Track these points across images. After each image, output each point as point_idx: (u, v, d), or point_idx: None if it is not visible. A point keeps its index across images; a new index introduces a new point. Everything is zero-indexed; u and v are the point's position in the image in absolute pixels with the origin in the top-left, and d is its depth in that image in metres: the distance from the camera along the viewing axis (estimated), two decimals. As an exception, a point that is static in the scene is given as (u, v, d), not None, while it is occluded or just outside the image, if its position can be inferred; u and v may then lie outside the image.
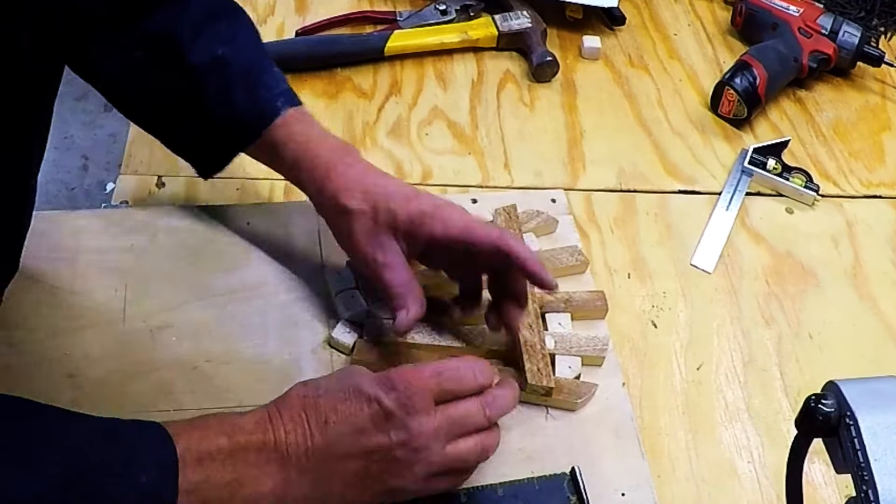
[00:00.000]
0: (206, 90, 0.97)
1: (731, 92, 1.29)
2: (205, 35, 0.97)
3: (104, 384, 0.94)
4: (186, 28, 0.96)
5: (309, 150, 0.97)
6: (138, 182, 1.13)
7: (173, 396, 0.94)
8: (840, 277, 1.15)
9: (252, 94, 0.97)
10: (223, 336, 0.99)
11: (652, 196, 1.21)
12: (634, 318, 1.08)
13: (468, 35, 1.37)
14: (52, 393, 0.92)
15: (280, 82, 0.99)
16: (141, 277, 1.02)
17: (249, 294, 1.02)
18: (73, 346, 0.96)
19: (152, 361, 0.96)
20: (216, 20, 0.99)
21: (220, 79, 0.97)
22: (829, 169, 1.29)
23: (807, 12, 1.38)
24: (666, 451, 0.97)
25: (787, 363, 1.06)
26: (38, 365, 0.94)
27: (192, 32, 0.97)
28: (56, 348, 0.95)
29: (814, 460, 0.97)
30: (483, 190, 1.19)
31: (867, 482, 0.61)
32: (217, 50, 0.97)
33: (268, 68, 1.00)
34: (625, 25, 1.45)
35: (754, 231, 1.19)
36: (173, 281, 1.01)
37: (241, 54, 0.99)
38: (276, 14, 1.39)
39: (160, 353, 0.97)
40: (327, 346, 0.99)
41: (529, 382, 0.95)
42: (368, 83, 1.31)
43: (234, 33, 1.00)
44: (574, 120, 1.30)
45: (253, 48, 1.01)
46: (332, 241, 0.99)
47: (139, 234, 1.05)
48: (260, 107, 0.98)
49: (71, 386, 0.93)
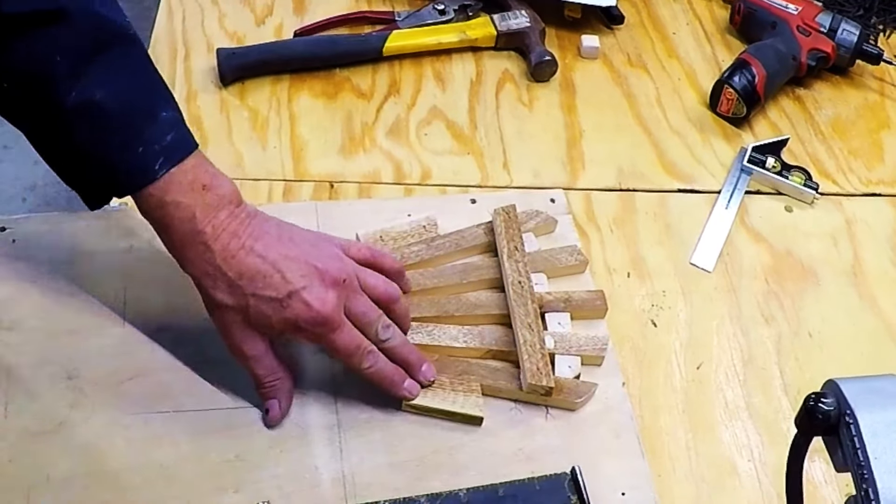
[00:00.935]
0: (78, 137, 0.85)
1: (729, 90, 1.29)
2: (85, 74, 0.84)
3: (104, 385, 0.94)
4: (64, 64, 0.83)
5: (164, 219, 0.88)
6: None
7: (172, 397, 0.94)
8: (839, 276, 1.15)
9: (126, 151, 0.85)
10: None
11: (651, 195, 1.21)
12: (634, 317, 1.08)
13: (467, 35, 1.37)
14: (52, 394, 0.92)
15: (166, 133, 0.87)
16: (140, 279, 1.02)
17: (249, 294, 1.02)
18: (73, 348, 0.96)
19: (152, 362, 0.96)
20: (101, 53, 0.85)
21: (93, 128, 0.85)
22: (829, 167, 1.29)
23: (805, 10, 1.38)
24: (666, 450, 0.97)
25: (786, 362, 1.06)
26: (38, 365, 0.94)
27: (69, 69, 0.83)
28: (56, 349, 0.95)
29: (814, 459, 0.97)
30: (482, 190, 1.19)
31: (867, 480, 0.61)
32: (95, 94, 0.84)
33: (154, 116, 0.87)
34: (623, 25, 1.45)
35: (754, 230, 1.19)
36: (173, 282, 1.01)
37: (122, 99, 0.86)
38: (274, 14, 1.39)
39: (160, 354, 0.97)
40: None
41: (529, 382, 0.95)
42: (367, 83, 1.31)
43: (115, 72, 0.86)
44: (573, 119, 1.30)
45: (137, 90, 0.88)
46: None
47: (139, 236, 1.05)
48: (134, 166, 0.86)
49: (71, 387, 0.93)
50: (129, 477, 0.88)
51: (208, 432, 0.92)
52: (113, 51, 0.86)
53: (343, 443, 0.93)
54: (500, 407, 0.97)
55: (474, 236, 1.09)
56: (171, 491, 0.88)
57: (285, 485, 0.89)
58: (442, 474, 0.91)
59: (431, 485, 0.91)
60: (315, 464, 0.91)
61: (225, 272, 0.87)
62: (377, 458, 0.92)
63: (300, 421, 0.94)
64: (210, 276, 0.88)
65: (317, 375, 0.97)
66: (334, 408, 0.95)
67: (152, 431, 0.91)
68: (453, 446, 0.94)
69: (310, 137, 1.22)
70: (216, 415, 0.93)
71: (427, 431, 0.94)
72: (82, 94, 0.83)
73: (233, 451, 0.91)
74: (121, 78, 0.86)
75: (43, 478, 0.87)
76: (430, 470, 0.92)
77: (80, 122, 0.84)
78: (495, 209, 1.10)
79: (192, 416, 0.93)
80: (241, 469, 0.90)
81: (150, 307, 1.00)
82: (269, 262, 0.88)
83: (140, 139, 0.85)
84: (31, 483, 0.86)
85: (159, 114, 0.87)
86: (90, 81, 0.84)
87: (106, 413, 0.92)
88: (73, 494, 0.86)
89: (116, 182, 0.87)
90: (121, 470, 0.88)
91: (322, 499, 0.89)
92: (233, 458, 0.90)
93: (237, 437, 0.92)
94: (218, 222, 0.88)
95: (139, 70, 0.89)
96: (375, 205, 1.14)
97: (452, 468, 0.92)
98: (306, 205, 1.11)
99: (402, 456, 0.93)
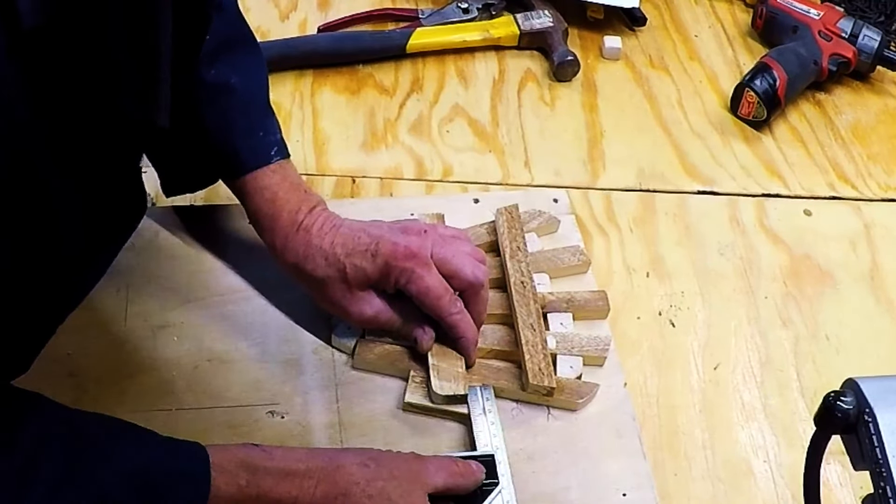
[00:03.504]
0: (208, 111, 0.96)
1: (750, 94, 1.30)
2: (220, 61, 0.96)
3: (105, 383, 0.94)
4: (211, 43, 0.92)
5: (272, 209, 0.97)
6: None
7: (174, 395, 0.94)
8: (857, 279, 1.16)
9: (250, 134, 0.97)
10: (224, 335, 0.99)
11: (671, 196, 1.22)
12: (653, 317, 1.08)
13: (490, 34, 1.37)
14: (54, 392, 0.91)
15: (277, 130, 1.00)
16: (142, 277, 1.02)
17: (250, 293, 1.03)
18: (75, 346, 0.96)
19: (153, 361, 0.96)
20: (237, 45, 0.99)
21: (224, 106, 0.97)
22: (848, 172, 1.29)
23: (827, 16, 1.38)
24: (682, 449, 0.97)
25: (803, 364, 1.06)
26: (39, 364, 0.93)
27: (208, 56, 0.94)
28: (57, 348, 0.93)
29: (829, 461, 0.97)
30: (505, 188, 1.19)
31: (885, 479, 0.62)
32: (230, 77, 0.97)
33: (270, 112, 1.00)
34: (645, 26, 1.46)
35: (773, 232, 1.19)
36: (174, 280, 1.02)
37: (250, 89, 0.99)
38: (298, 10, 1.40)
39: (161, 352, 0.97)
40: (328, 345, 1.00)
41: (531, 382, 0.95)
42: (390, 80, 1.32)
43: (248, 66, 0.99)
44: (594, 119, 1.31)
45: (262, 87, 1.01)
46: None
47: (141, 235, 1.04)
48: (254, 149, 0.97)
49: (72, 385, 0.93)
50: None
51: (209, 430, 0.92)
52: (245, 47, 1.00)
53: (344, 442, 0.93)
54: (502, 407, 0.96)
55: (477, 236, 1.09)
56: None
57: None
58: (442, 474, 0.92)
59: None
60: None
61: (320, 247, 0.94)
62: (378, 457, 0.92)
63: (301, 419, 0.94)
64: (309, 257, 0.94)
65: (318, 374, 0.97)
66: (335, 407, 0.95)
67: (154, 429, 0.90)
68: (454, 446, 0.94)
69: (332, 132, 1.23)
70: (217, 413, 0.93)
71: (428, 431, 0.95)
72: (220, 75, 0.96)
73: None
74: (251, 71, 0.99)
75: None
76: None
77: (216, 98, 0.96)
78: (498, 209, 1.10)
79: (194, 413, 0.93)
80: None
81: (151, 306, 1.00)
82: (355, 228, 0.96)
83: (262, 126, 0.98)
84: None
85: (272, 111, 1.00)
86: (227, 66, 0.96)
87: (107, 410, 0.89)
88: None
89: (236, 160, 0.97)
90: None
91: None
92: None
93: (239, 435, 0.92)
94: (314, 213, 0.96)
95: (261, 69, 1.01)
96: (378, 204, 1.14)
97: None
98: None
99: (403, 456, 0.93)
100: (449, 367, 0.95)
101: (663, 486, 0.94)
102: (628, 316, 1.07)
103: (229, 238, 1.07)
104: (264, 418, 0.93)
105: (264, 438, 0.91)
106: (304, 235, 0.95)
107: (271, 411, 0.94)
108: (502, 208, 1.10)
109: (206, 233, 1.07)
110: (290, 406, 0.95)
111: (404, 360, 0.98)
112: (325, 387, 0.96)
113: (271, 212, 0.96)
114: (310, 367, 0.97)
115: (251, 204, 0.98)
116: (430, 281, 0.93)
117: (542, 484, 0.92)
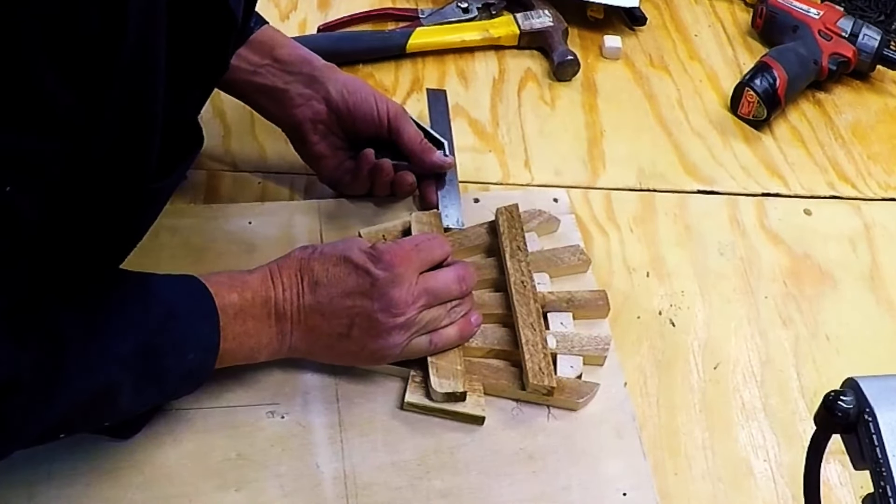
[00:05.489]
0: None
1: (750, 93, 1.30)
2: None
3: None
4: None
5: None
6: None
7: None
8: (857, 279, 1.16)
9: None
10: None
11: (671, 196, 1.22)
12: (653, 316, 1.08)
13: (490, 33, 1.37)
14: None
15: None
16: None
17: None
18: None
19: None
20: None
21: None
22: (848, 171, 1.29)
23: (827, 15, 1.39)
24: (682, 449, 0.97)
25: (803, 364, 1.06)
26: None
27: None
28: None
29: (829, 461, 0.97)
30: (505, 187, 1.19)
31: (885, 478, 0.62)
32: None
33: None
34: (646, 26, 1.46)
35: (773, 232, 1.19)
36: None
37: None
38: (298, 10, 1.40)
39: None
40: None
41: (531, 382, 0.95)
42: (390, 79, 1.32)
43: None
44: (594, 119, 1.31)
45: None
46: (333, 240, 0.98)
47: None
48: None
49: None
50: (130, 475, 0.88)
51: (210, 431, 0.92)
52: None
53: (344, 442, 0.93)
54: (502, 406, 0.97)
55: (477, 235, 1.09)
56: (172, 489, 0.88)
57: (287, 483, 0.89)
58: (443, 474, 0.91)
59: (433, 484, 0.91)
60: (316, 462, 0.91)
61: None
62: (378, 457, 0.92)
63: (302, 419, 0.94)
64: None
65: (318, 374, 0.97)
66: (336, 407, 0.95)
67: (154, 429, 0.90)
68: (455, 446, 0.94)
69: (332, 132, 1.23)
70: (218, 413, 0.93)
71: (428, 431, 0.94)
72: None
73: (234, 449, 0.91)
74: None
75: (44, 475, 0.87)
76: (431, 469, 0.92)
77: None
78: (498, 208, 1.09)
79: (194, 414, 0.92)
80: (243, 468, 0.90)
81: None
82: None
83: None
84: (33, 480, 0.86)
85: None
86: None
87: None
88: (74, 492, 0.86)
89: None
90: (122, 468, 0.88)
91: (323, 497, 0.89)
92: (234, 457, 0.90)
93: (239, 435, 0.92)
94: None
95: None
96: (379, 203, 1.14)
97: (454, 468, 0.92)
98: (308, 204, 1.11)
99: (404, 455, 0.92)
100: (448, 366, 0.95)
101: (663, 486, 0.94)
102: (628, 316, 1.07)
103: (230, 238, 1.07)
104: (264, 418, 0.93)
105: (264, 438, 0.91)
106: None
107: (271, 411, 0.94)
108: (502, 208, 1.09)
109: (206, 233, 1.07)
110: (290, 406, 0.94)
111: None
112: (325, 386, 0.96)
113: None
114: (310, 367, 0.97)
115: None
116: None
117: (542, 484, 0.92)
